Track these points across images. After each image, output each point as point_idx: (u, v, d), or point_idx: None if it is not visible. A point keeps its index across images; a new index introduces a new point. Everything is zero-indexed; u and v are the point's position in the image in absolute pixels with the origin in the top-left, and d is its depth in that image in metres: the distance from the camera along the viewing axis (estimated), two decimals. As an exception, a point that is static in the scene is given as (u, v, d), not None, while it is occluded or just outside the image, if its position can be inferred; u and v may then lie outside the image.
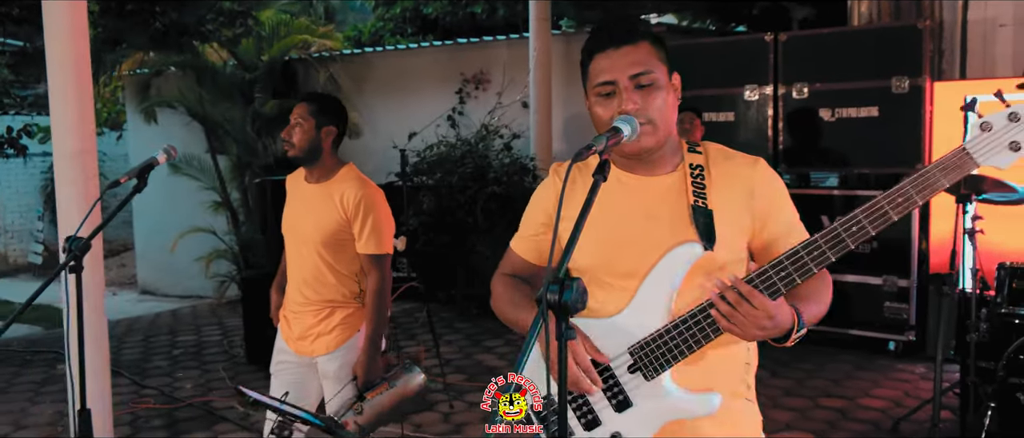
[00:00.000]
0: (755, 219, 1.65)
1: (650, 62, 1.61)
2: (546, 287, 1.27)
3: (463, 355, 6.01)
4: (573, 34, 7.81)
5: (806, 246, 1.50)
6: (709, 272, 1.63)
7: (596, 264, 1.72)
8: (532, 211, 1.88)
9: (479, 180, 6.79)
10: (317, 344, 2.86)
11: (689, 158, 1.69)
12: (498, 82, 7.76)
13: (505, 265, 1.94)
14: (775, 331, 1.50)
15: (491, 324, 6.92)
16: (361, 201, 2.76)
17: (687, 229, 1.62)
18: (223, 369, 5.88)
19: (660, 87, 1.62)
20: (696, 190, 1.64)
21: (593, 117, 1.69)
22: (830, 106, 5.75)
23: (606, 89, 1.62)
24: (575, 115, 7.71)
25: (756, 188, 1.66)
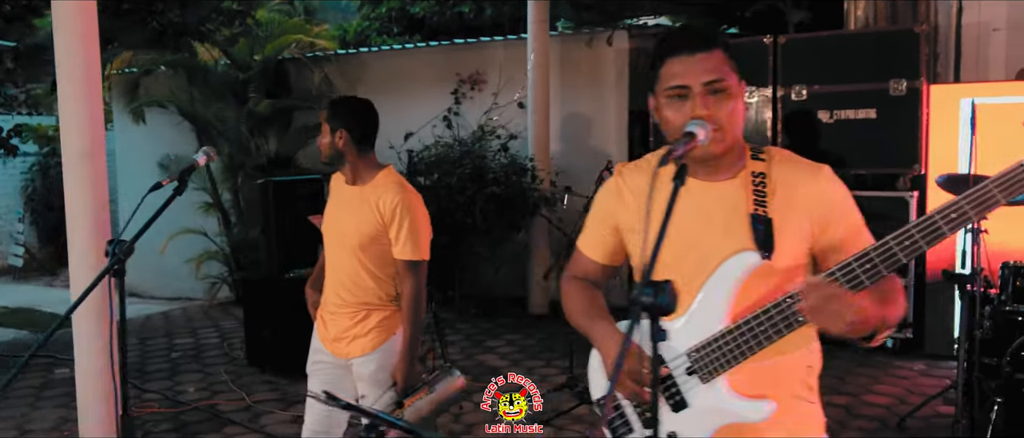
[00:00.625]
0: (815, 225, 1.67)
1: (723, 69, 1.64)
2: (640, 290, 1.28)
3: (465, 356, 6.02)
4: (570, 35, 7.83)
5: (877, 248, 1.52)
6: (767, 279, 1.66)
7: (662, 268, 1.74)
8: (597, 212, 1.92)
9: (478, 181, 6.79)
10: (353, 346, 2.86)
11: (751, 165, 1.72)
12: (494, 83, 7.77)
13: (574, 267, 1.98)
14: (862, 327, 1.52)
15: (490, 325, 6.94)
16: (397, 206, 2.76)
17: (745, 237, 1.65)
18: (225, 371, 5.84)
19: (732, 95, 1.65)
20: (757, 198, 1.67)
21: (661, 119, 1.72)
22: (829, 108, 5.83)
23: (679, 93, 1.65)
24: (572, 115, 7.74)
25: (818, 195, 1.68)
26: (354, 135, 2.86)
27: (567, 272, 2.01)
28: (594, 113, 7.66)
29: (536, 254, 7.35)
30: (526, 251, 7.41)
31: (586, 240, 1.95)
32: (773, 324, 1.60)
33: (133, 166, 9.56)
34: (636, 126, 7.47)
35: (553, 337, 6.50)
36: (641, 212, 1.78)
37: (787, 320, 1.58)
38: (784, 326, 1.60)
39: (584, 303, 1.89)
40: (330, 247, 2.94)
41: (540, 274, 7.35)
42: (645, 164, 1.86)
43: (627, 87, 7.44)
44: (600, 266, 1.93)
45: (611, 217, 1.86)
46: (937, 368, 5.44)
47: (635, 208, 1.81)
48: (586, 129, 7.70)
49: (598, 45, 7.49)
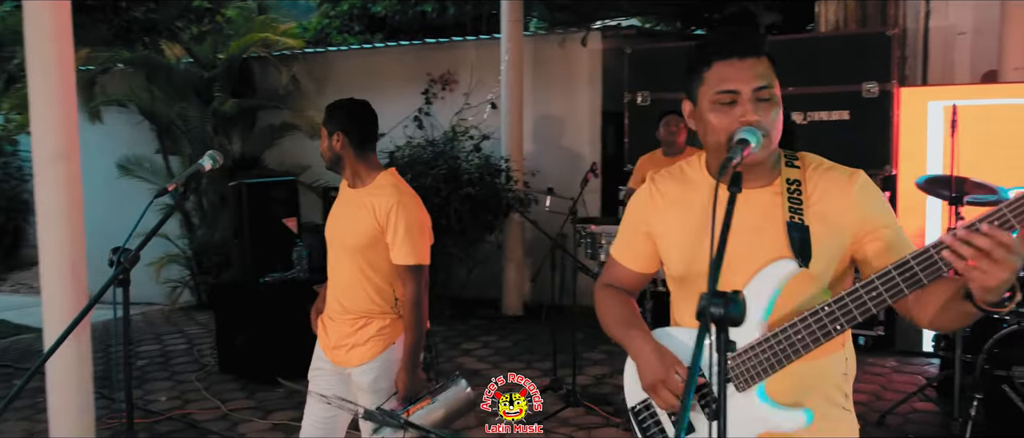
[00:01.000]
0: (854, 232, 1.67)
1: (770, 76, 1.63)
2: (709, 301, 1.26)
3: (443, 358, 5.95)
4: (543, 36, 7.82)
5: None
6: (805, 287, 1.65)
7: (693, 274, 1.76)
8: (629, 220, 1.91)
9: (453, 182, 6.73)
10: (351, 354, 2.79)
11: (786, 172, 1.71)
12: (466, 83, 7.72)
13: (608, 275, 1.97)
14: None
15: (464, 326, 6.89)
16: (393, 208, 2.69)
17: (782, 245, 1.64)
18: (197, 379, 5.68)
19: (776, 102, 1.63)
20: (792, 206, 1.66)
21: (701, 123, 1.69)
22: (803, 110, 5.91)
23: (727, 98, 1.62)
24: (545, 116, 7.73)
25: (853, 201, 1.67)
26: (352, 138, 2.80)
27: (601, 280, 1.99)
28: (567, 114, 7.66)
29: (509, 255, 7.33)
30: (499, 252, 7.38)
31: (620, 248, 1.94)
32: (811, 332, 1.58)
33: (90, 167, 9.23)
34: (609, 127, 7.49)
35: (531, 338, 6.48)
36: (677, 220, 1.78)
37: (824, 328, 1.57)
38: (822, 334, 1.59)
39: (618, 312, 1.88)
40: (332, 252, 2.88)
41: (514, 275, 7.34)
42: (678, 171, 1.84)
43: (600, 88, 7.45)
44: (634, 274, 1.92)
45: (644, 224, 1.85)
46: (908, 365, 5.55)
47: (669, 215, 1.80)
48: (559, 130, 7.70)
49: (571, 45, 7.49)
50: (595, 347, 6.10)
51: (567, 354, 5.37)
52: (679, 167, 1.85)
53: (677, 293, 1.84)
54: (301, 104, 8.37)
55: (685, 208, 1.77)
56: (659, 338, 1.79)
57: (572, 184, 6.97)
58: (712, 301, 1.26)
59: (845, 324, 1.56)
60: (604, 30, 7.48)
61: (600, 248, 5.00)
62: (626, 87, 6.63)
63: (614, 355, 5.89)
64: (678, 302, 1.83)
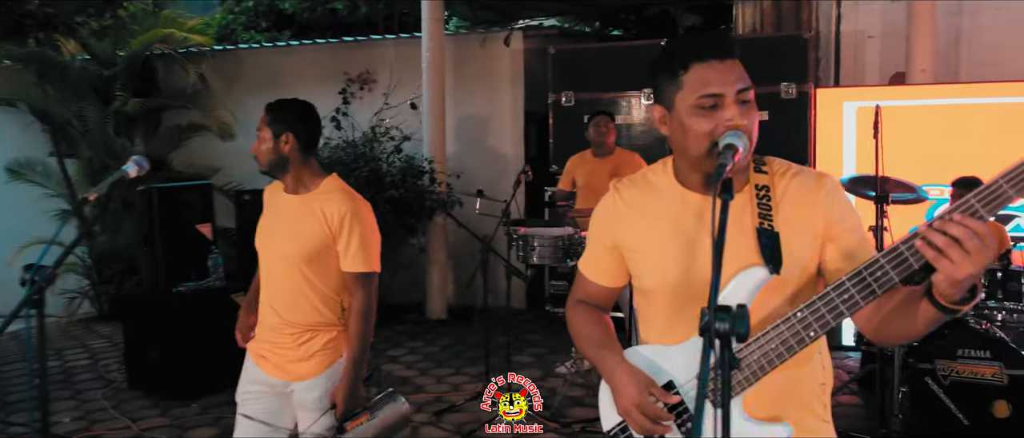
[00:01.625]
0: (821, 237, 1.63)
1: (747, 78, 1.57)
2: (713, 317, 1.19)
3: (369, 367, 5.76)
4: (465, 35, 7.71)
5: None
6: (777, 294, 1.61)
7: (663, 288, 1.69)
8: (595, 232, 1.83)
9: (375, 184, 6.54)
10: (295, 370, 2.62)
11: (755, 178, 1.66)
12: (385, 83, 7.53)
13: (578, 290, 1.90)
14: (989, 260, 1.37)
15: (389, 332, 6.71)
16: (347, 214, 2.56)
17: (752, 252, 1.59)
18: (103, 396, 5.32)
19: (755, 105, 1.58)
20: (762, 212, 1.61)
21: (684, 128, 1.60)
22: (724, 110, 5.99)
23: (710, 101, 1.55)
24: (467, 117, 7.62)
25: (821, 205, 1.63)
26: (301, 140, 2.63)
27: (572, 296, 1.92)
28: (490, 114, 7.57)
29: (433, 258, 7.19)
30: (422, 255, 7.23)
31: (587, 262, 1.87)
32: (784, 340, 1.53)
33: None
34: (532, 127, 7.45)
35: (458, 342, 6.37)
36: (645, 231, 1.72)
37: (798, 335, 1.52)
38: (796, 342, 1.53)
39: (591, 332, 1.81)
40: (268, 264, 2.68)
41: (438, 278, 7.21)
42: (641, 180, 1.77)
43: (523, 88, 7.39)
44: (604, 289, 1.85)
45: (609, 237, 1.78)
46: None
47: (636, 226, 1.73)
48: (482, 130, 7.60)
49: (493, 45, 7.41)
50: (524, 350, 6.04)
51: (497, 357, 5.29)
52: (642, 175, 1.78)
53: (645, 308, 1.76)
54: (210, 104, 8.00)
55: (653, 218, 1.70)
56: (631, 358, 1.72)
57: (497, 185, 6.91)
58: (717, 316, 1.18)
59: (819, 330, 1.51)
60: (526, 30, 7.43)
61: (532, 251, 4.93)
62: (550, 87, 6.60)
63: (544, 358, 5.84)
64: (647, 318, 1.76)
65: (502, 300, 5.18)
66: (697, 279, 1.63)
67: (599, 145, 5.33)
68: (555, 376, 5.30)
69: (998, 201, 1.40)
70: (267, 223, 2.70)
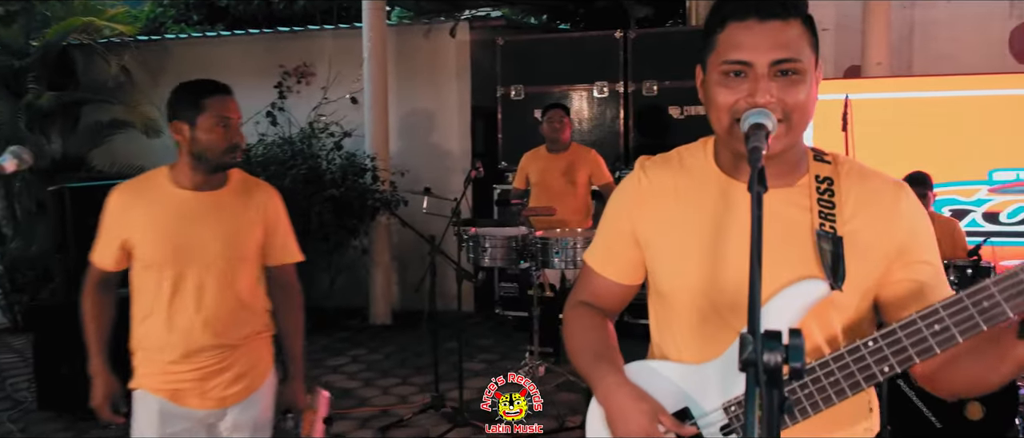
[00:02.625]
0: (891, 260, 1.33)
1: (799, 46, 1.27)
2: (758, 345, 0.91)
3: (307, 379, 5.36)
4: (408, 26, 7.36)
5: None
6: (828, 317, 1.32)
7: (690, 294, 1.38)
8: (611, 217, 1.51)
9: (314, 183, 6.16)
10: (233, 391, 2.31)
11: (816, 168, 1.37)
12: (323, 76, 7.13)
13: (583, 289, 1.56)
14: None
15: (328, 340, 6.33)
16: (277, 204, 2.39)
17: (810, 260, 1.30)
18: (10, 419, 4.82)
19: (804, 80, 1.28)
20: (823, 211, 1.31)
21: (707, 98, 1.33)
22: (679, 104, 5.81)
23: (736, 68, 1.28)
24: (411, 111, 7.28)
25: (898, 220, 1.34)
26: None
27: (573, 296, 1.58)
28: (435, 108, 7.24)
29: (377, 260, 6.82)
30: (365, 257, 6.86)
31: (598, 253, 1.53)
32: (849, 374, 1.23)
33: None
34: (479, 122, 7.15)
35: (403, 350, 6.02)
36: (672, 220, 1.41)
37: (867, 369, 1.23)
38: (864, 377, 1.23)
39: (587, 338, 1.48)
40: (185, 278, 2.27)
41: (381, 281, 6.85)
42: (676, 159, 1.47)
43: (470, 81, 7.08)
44: (616, 287, 1.51)
45: (629, 222, 1.46)
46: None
47: (662, 213, 1.42)
48: (427, 125, 7.27)
49: (438, 36, 7.08)
50: (475, 356, 5.73)
51: (447, 365, 4.98)
52: (677, 154, 1.48)
53: (662, 313, 1.45)
54: (134, 98, 7.48)
55: (683, 206, 1.40)
56: (636, 376, 1.40)
57: (444, 183, 6.59)
58: (765, 345, 0.90)
59: (896, 366, 1.22)
60: (472, 21, 7.12)
61: (484, 252, 4.63)
62: (498, 81, 6.32)
63: (496, 365, 5.54)
64: (664, 325, 1.45)
65: (451, 303, 4.88)
66: (730, 284, 1.34)
67: (554, 141, 5.07)
68: (508, 384, 5.01)
69: None
70: (180, 226, 2.26)
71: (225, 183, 2.32)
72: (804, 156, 1.39)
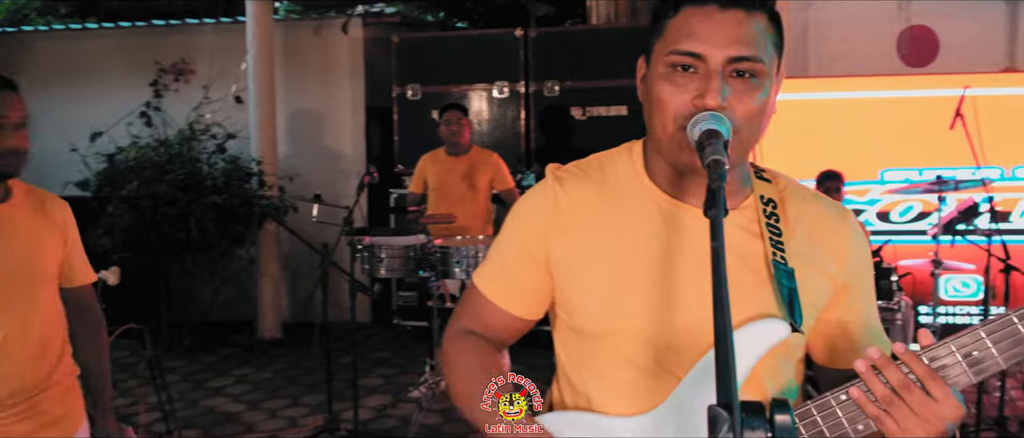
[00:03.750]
0: (833, 298, 1.17)
1: (762, 45, 1.07)
2: (737, 422, 0.69)
3: (187, 403, 4.94)
4: (297, 21, 6.94)
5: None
6: (779, 361, 1.13)
7: (628, 337, 1.14)
8: (518, 233, 1.24)
9: (194, 189, 5.69)
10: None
11: (759, 187, 1.18)
12: (204, 74, 6.63)
13: (468, 316, 1.28)
14: (941, 435, 1.01)
15: (212, 358, 5.87)
16: (71, 219, 2.07)
17: (768, 296, 1.10)
18: None
19: (763, 84, 1.08)
20: (773, 238, 1.12)
21: (648, 95, 1.11)
22: (581, 105, 5.66)
23: (686, 62, 1.06)
24: (301, 112, 6.87)
25: (848, 252, 1.18)
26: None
27: (456, 321, 1.30)
28: (326, 109, 6.86)
29: (264, 270, 6.39)
30: (252, 267, 6.42)
31: (493, 279, 1.26)
32: (838, 427, 1.04)
33: None
34: (374, 123, 6.82)
35: (294, 366, 5.64)
36: (595, 242, 1.17)
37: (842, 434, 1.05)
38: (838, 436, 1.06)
39: (480, 381, 1.17)
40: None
41: (270, 293, 6.43)
42: (596, 168, 1.23)
43: (363, 80, 6.74)
44: (513, 320, 1.25)
45: (539, 242, 1.20)
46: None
47: (584, 239, 1.18)
48: (318, 127, 6.88)
49: (329, 33, 6.70)
50: (371, 371, 5.41)
51: (341, 381, 4.66)
52: (597, 161, 1.25)
53: (581, 355, 1.20)
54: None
55: (616, 230, 1.17)
56: (553, 427, 1.15)
57: (336, 189, 6.24)
58: (746, 422, 0.68)
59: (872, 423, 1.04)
60: (366, 17, 6.77)
61: (380, 263, 4.33)
62: (394, 80, 6.02)
63: (394, 380, 5.25)
64: (583, 368, 1.21)
65: (345, 314, 4.54)
66: (679, 327, 1.12)
67: (453, 144, 4.82)
68: (408, 401, 4.73)
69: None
70: None
71: (7, 196, 1.94)
72: (749, 173, 1.19)
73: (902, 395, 0.99)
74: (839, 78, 5.82)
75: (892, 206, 5.54)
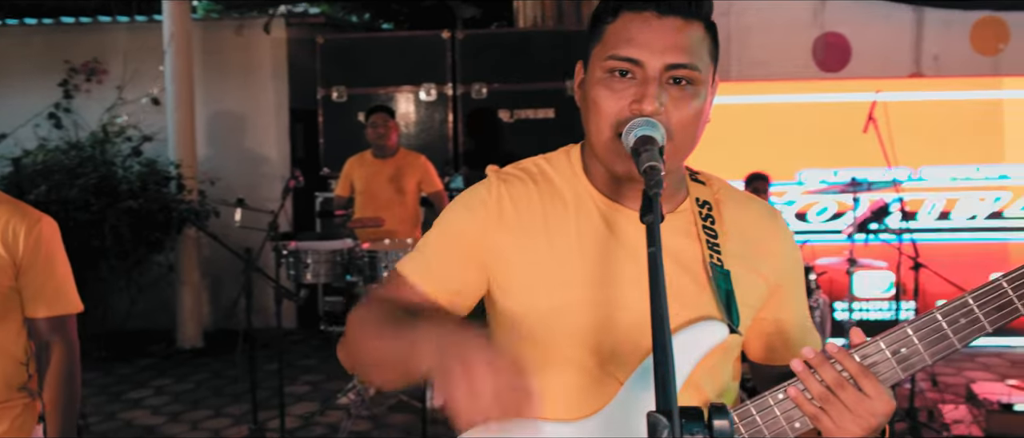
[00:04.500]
0: (766, 299, 1.20)
1: (699, 53, 1.09)
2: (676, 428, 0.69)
3: (103, 416, 4.74)
4: (217, 20, 6.75)
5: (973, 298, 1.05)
6: (718, 363, 1.15)
7: (569, 340, 1.14)
8: (454, 228, 1.21)
9: (108, 194, 5.47)
10: None
11: (695, 190, 1.20)
12: (117, 74, 6.39)
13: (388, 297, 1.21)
14: (874, 432, 1.05)
15: (129, 369, 5.65)
16: (36, 232, 1.83)
17: (706, 299, 1.12)
18: None
19: (699, 92, 1.10)
20: (710, 241, 1.15)
21: (586, 100, 1.13)
22: (509, 107, 5.68)
23: (623, 67, 1.07)
24: (221, 114, 6.68)
25: (779, 252, 1.21)
26: None
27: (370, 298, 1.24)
28: (248, 111, 6.69)
29: (185, 277, 6.19)
30: (171, 274, 6.21)
31: (422, 267, 1.20)
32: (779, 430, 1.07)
33: None
34: (299, 126, 6.68)
35: (217, 376, 5.47)
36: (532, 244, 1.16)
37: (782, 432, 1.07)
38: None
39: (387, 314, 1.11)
40: None
41: (190, 300, 6.23)
42: (536, 170, 1.22)
43: (287, 82, 6.60)
44: (430, 305, 1.19)
45: (477, 240, 1.18)
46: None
47: (526, 242, 1.17)
48: (239, 129, 6.70)
49: (251, 33, 6.54)
50: (297, 378, 5.30)
51: (267, 390, 4.54)
52: (536, 166, 1.24)
53: (526, 359, 1.18)
54: None
55: (558, 233, 1.16)
56: (493, 433, 1.13)
57: (260, 193, 6.09)
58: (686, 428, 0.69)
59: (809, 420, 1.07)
60: (289, 17, 6.64)
61: (306, 268, 4.25)
62: (319, 81, 5.92)
63: (321, 387, 5.15)
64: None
65: (270, 321, 4.43)
66: (619, 329, 1.12)
67: (380, 147, 4.76)
68: (337, 408, 4.64)
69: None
70: None
71: None
72: (684, 178, 1.22)
73: (837, 393, 1.02)
74: (759, 82, 6.00)
75: (809, 207, 5.73)
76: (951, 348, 1.05)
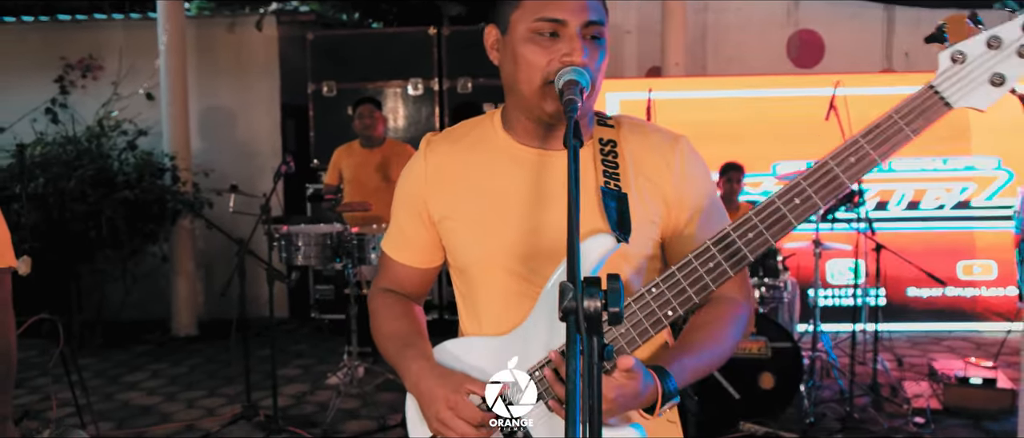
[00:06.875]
0: (669, 206, 1.40)
1: (602, 11, 1.32)
2: (577, 292, 0.89)
3: (102, 397, 4.91)
4: (210, 17, 6.93)
5: (710, 247, 1.25)
6: (624, 268, 1.36)
7: (491, 264, 1.38)
8: (401, 201, 1.48)
9: (105, 185, 5.64)
10: None
11: (599, 132, 1.41)
12: (113, 70, 6.57)
13: (383, 277, 1.54)
14: (637, 404, 1.24)
15: (126, 355, 5.82)
16: None
17: (596, 216, 1.33)
18: None
19: (605, 47, 1.33)
20: (607, 170, 1.36)
21: (515, 58, 1.31)
22: (494, 101, 5.86)
23: (549, 28, 1.28)
24: (215, 108, 6.86)
25: (673, 169, 1.41)
26: None
27: (376, 284, 1.56)
28: (241, 106, 6.88)
29: (179, 267, 6.37)
30: (166, 264, 6.39)
31: (393, 240, 1.52)
32: (637, 323, 1.28)
33: None
34: (290, 119, 6.87)
35: (211, 361, 5.65)
36: (464, 193, 1.41)
37: (653, 315, 1.28)
38: (651, 324, 1.28)
39: (394, 327, 1.47)
40: None
41: (185, 289, 6.40)
42: (461, 133, 1.46)
43: (278, 77, 6.78)
44: (415, 271, 1.51)
45: (419, 204, 1.44)
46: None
47: (452, 189, 1.41)
48: (232, 123, 6.88)
49: (243, 30, 6.73)
50: (290, 362, 5.48)
51: (259, 373, 4.73)
52: (461, 128, 1.47)
53: (465, 291, 1.44)
54: None
55: (480, 176, 1.40)
56: (441, 358, 1.39)
57: (252, 183, 6.27)
58: (585, 291, 0.89)
59: (678, 308, 1.28)
60: (280, 15, 6.83)
61: (297, 251, 4.43)
62: (310, 77, 6.11)
63: (312, 370, 5.33)
64: (468, 303, 1.44)
65: (263, 309, 4.61)
66: (532, 251, 1.35)
67: (367, 136, 4.95)
68: (326, 388, 4.83)
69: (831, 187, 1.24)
70: None
71: None
72: (592, 120, 1.43)
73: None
74: (734, 77, 6.21)
75: (784, 197, 5.93)
76: (789, 226, 1.22)
